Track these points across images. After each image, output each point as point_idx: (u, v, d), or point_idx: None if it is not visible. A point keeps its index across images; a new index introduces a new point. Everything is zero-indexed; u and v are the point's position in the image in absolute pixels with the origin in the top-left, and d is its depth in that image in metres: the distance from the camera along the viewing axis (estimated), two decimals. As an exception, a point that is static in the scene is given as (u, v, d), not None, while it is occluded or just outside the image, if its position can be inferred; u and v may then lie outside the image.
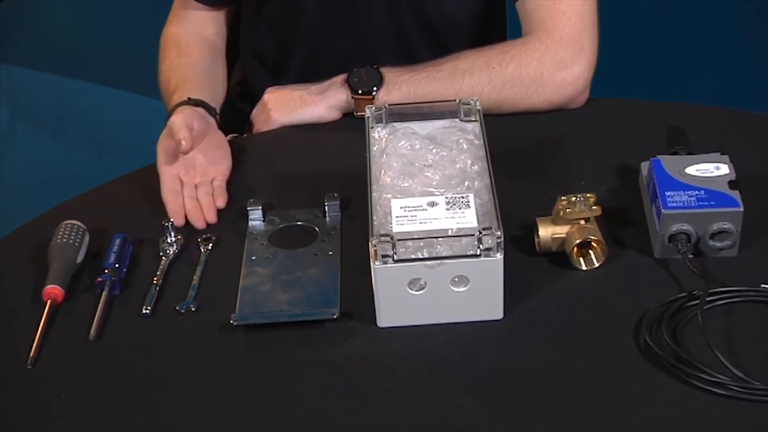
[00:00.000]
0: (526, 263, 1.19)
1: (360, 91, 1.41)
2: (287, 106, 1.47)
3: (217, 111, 1.44)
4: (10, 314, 1.20)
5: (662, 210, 1.16)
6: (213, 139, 1.38)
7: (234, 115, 1.60)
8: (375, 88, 1.41)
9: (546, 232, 1.19)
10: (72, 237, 1.23)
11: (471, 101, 1.26)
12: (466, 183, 1.16)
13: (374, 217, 1.12)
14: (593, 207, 1.18)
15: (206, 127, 1.37)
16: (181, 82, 1.46)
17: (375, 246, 1.08)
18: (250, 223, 1.28)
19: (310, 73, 1.54)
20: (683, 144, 1.30)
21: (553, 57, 1.40)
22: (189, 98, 1.40)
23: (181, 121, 1.32)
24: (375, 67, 1.43)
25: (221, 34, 1.61)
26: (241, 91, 1.68)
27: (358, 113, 1.41)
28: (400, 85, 1.41)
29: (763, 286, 1.13)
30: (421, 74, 1.42)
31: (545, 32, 1.42)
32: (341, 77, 1.44)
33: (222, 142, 1.39)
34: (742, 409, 1.01)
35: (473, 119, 1.25)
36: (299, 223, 1.28)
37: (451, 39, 1.55)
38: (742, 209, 1.15)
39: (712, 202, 1.16)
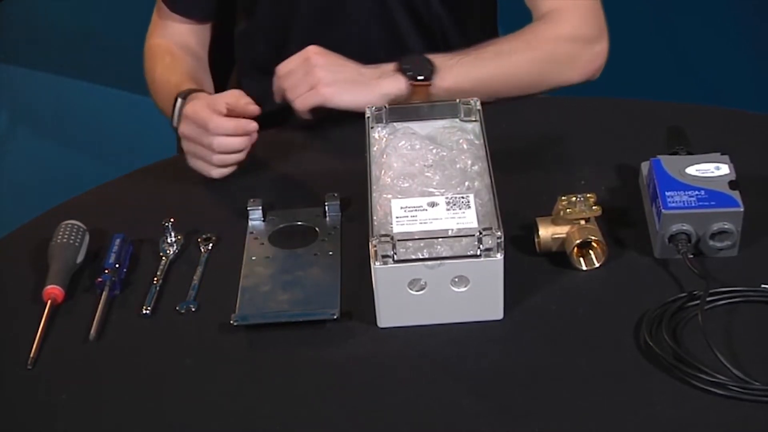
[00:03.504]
0: (526, 263, 1.19)
1: (419, 78, 1.38)
2: (343, 84, 1.36)
3: None
4: (10, 314, 1.20)
5: (662, 210, 1.16)
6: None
7: None
8: (431, 74, 1.38)
9: (546, 232, 1.19)
10: (72, 237, 1.23)
11: (471, 101, 1.26)
12: (467, 183, 1.16)
13: (374, 217, 1.12)
14: (593, 207, 1.18)
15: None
16: (184, 80, 1.45)
17: (375, 246, 1.08)
18: (250, 223, 1.28)
19: None
20: (683, 144, 1.30)
21: (583, 33, 1.45)
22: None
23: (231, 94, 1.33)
24: (422, 54, 1.40)
25: (204, 47, 1.59)
26: None
27: (411, 101, 1.36)
28: (451, 69, 1.39)
29: (763, 286, 1.13)
30: (468, 57, 1.41)
31: (569, 11, 1.46)
32: (391, 66, 1.39)
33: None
34: (742, 409, 1.01)
35: (473, 119, 1.25)
36: (299, 223, 1.28)
37: (441, 25, 1.55)
38: (742, 209, 1.15)
39: (712, 202, 1.16)
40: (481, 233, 1.08)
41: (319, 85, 1.35)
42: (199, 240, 1.27)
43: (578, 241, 1.16)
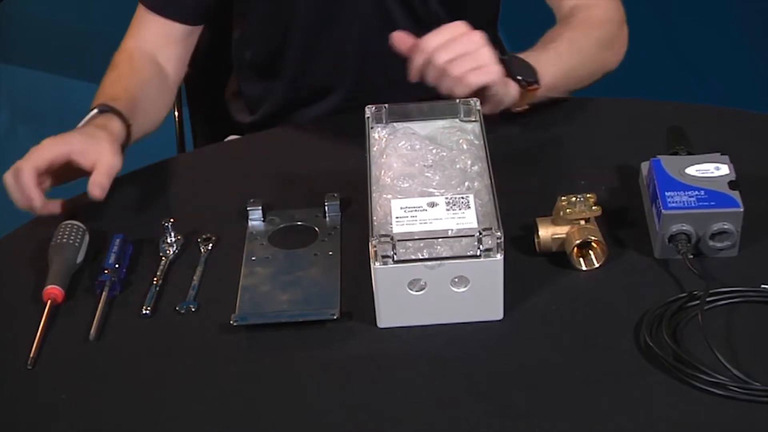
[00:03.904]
0: (526, 263, 1.19)
1: (529, 82, 1.34)
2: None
3: (129, 134, 1.38)
4: (10, 314, 1.20)
5: (662, 210, 1.16)
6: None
7: (233, 125, 1.65)
8: (537, 77, 1.35)
9: (546, 232, 1.19)
10: (72, 237, 1.23)
11: (471, 101, 1.26)
12: (466, 183, 1.16)
13: (374, 218, 1.12)
14: (593, 207, 1.18)
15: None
16: (121, 97, 1.41)
17: (375, 246, 1.08)
18: (250, 223, 1.28)
19: (305, 71, 1.54)
20: (683, 144, 1.30)
21: (615, 17, 1.48)
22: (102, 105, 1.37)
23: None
24: (514, 55, 1.36)
25: (176, 55, 1.53)
26: (237, 103, 1.68)
27: (520, 108, 1.36)
28: (545, 66, 1.36)
29: (763, 286, 1.13)
30: (548, 53, 1.38)
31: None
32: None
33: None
34: (741, 409, 1.01)
35: (473, 119, 1.25)
36: (299, 223, 1.28)
37: (440, 25, 1.55)
38: (742, 209, 1.15)
39: (712, 203, 1.16)
40: (481, 233, 1.08)
41: (492, 65, 1.27)
42: (199, 240, 1.27)
43: (578, 241, 1.16)
